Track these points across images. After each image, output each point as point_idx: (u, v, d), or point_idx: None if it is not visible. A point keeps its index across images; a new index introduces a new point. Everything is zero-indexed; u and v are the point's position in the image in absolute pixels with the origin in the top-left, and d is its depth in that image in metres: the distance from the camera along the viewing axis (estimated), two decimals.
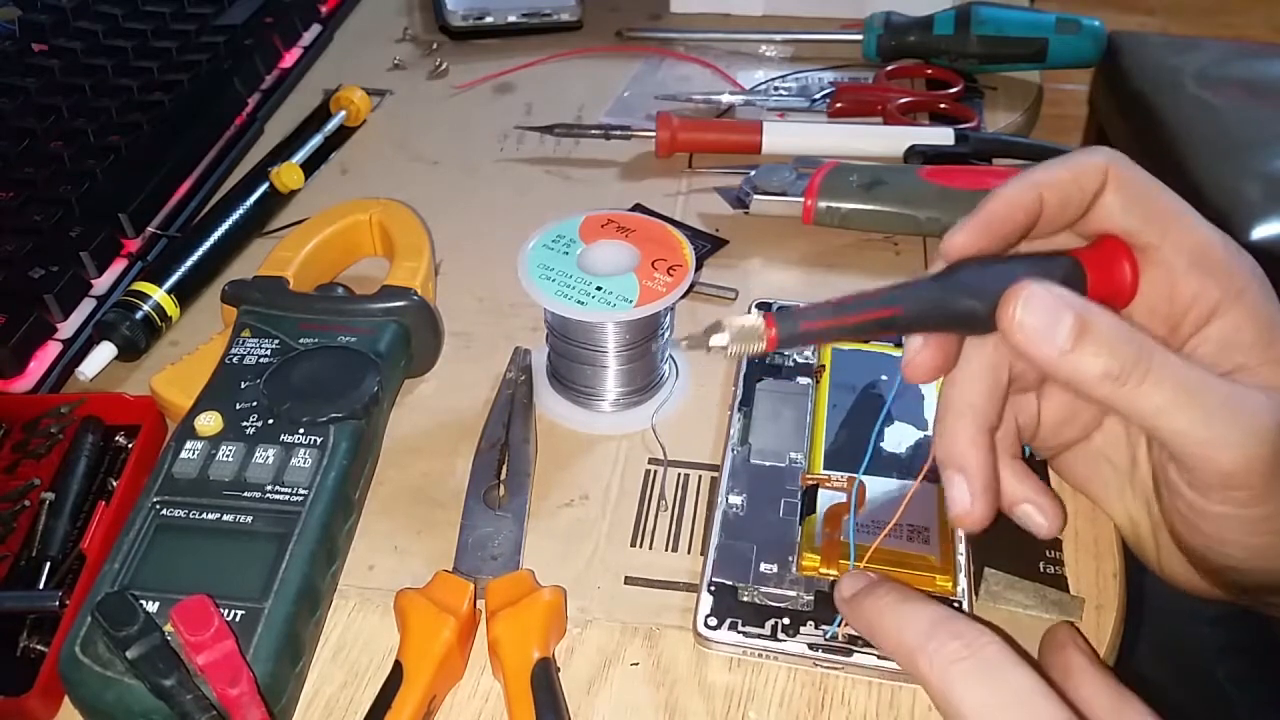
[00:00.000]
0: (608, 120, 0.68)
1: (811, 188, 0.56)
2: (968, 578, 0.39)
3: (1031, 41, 0.68)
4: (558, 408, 0.48)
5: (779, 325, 0.31)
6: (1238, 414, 0.30)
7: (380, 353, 0.44)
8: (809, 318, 0.32)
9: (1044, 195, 0.33)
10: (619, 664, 0.38)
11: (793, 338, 0.32)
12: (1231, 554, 0.34)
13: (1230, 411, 0.30)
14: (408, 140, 0.67)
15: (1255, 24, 0.80)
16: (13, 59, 0.69)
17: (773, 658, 0.38)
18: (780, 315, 0.32)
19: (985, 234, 0.33)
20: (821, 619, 0.38)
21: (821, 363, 0.47)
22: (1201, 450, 0.31)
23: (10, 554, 0.40)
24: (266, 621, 0.35)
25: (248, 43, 0.71)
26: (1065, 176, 0.34)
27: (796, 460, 0.43)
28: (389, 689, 0.35)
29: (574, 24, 0.78)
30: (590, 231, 0.46)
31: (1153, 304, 0.34)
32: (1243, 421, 0.30)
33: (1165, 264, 0.33)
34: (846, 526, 0.40)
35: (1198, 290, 0.33)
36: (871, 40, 0.71)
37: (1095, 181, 0.34)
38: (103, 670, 0.34)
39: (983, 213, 0.33)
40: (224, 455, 0.40)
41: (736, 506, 0.42)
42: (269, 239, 0.58)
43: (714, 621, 0.38)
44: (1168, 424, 0.30)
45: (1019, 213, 0.33)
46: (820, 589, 0.39)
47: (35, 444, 0.44)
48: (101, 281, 0.54)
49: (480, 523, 0.41)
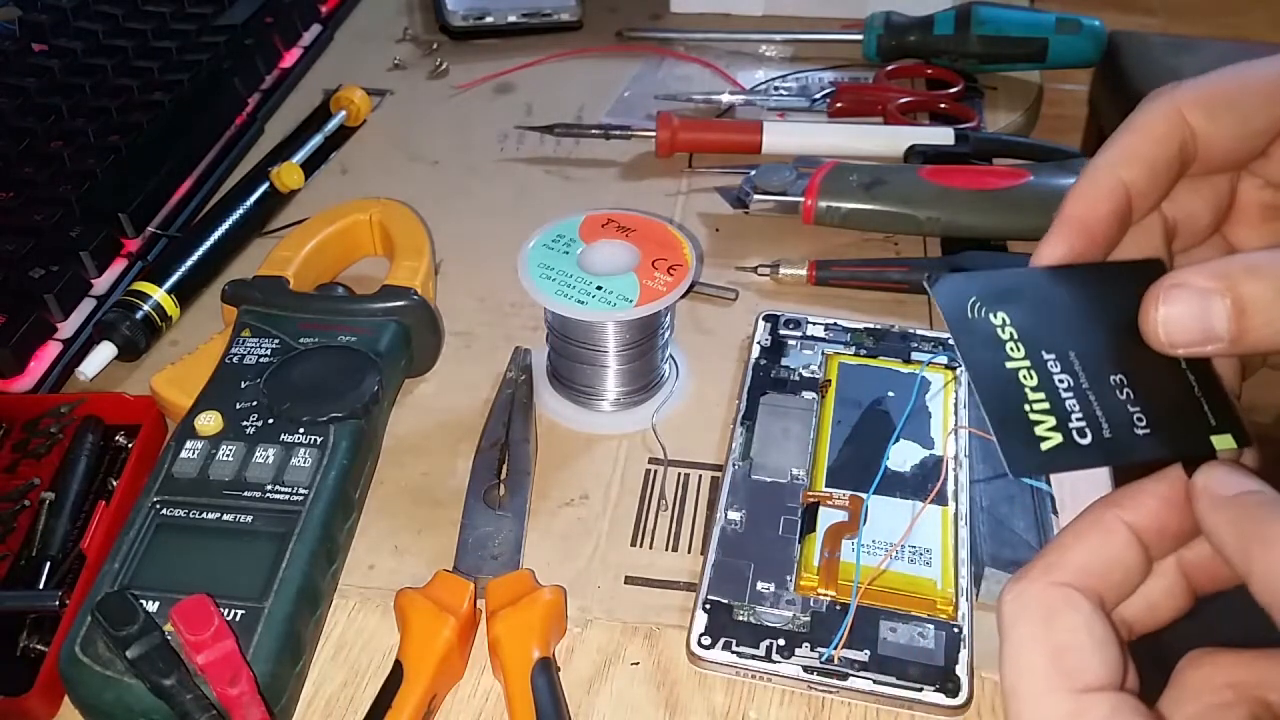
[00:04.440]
0: (608, 120, 0.68)
1: (811, 187, 0.56)
2: (969, 601, 0.38)
3: (1031, 41, 0.68)
4: (558, 407, 0.48)
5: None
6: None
7: (380, 352, 0.44)
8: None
9: (1123, 176, 0.28)
10: (619, 663, 0.38)
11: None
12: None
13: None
14: (408, 140, 0.67)
15: (1255, 24, 0.80)
16: (13, 59, 0.68)
17: (766, 679, 0.37)
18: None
19: (1077, 241, 0.28)
20: (818, 640, 0.37)
21: (828, 378, 0.47)
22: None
23: (10, 554, 0.40)
24: (266, 621, 0.35)
25: (248, 43, 0.71)
26: (1136, 145, 0.28)
27: (798, 477, 0.43)
28: (389, 689, 0.35)
29: (574, 24, 0.78)
30: (590, 231, 0.46)
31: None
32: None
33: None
34: (847, 546, 0.39)
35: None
36: (872, 40, 0.71)
37: (1176, 133, 0.28)
38: (103, 670, 0.34)
39: (1061, 220, 0.29)
40: (224, 455, 0.40)
41: (735, 523, 0.41)
42: (269, 239, 0.58)
43: (708, 640, 0.37)
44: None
45: (1101, 207, 0.28)
46: (817, 610, 0.38)
47: (35, 444, 0.44)
48: (101, 281, 0.54)
49: (480, 522, 0.41)
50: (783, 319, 0.50)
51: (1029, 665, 0.23)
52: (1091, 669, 0.23)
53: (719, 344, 0.51)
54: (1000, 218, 0.55)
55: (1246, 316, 0.24)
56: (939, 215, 0.55)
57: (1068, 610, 0.24)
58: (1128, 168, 0.28)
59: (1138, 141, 0.28)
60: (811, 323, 0.49)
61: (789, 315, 0.50)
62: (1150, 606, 0.26)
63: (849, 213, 0.56)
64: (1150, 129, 0.28)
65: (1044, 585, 0.24)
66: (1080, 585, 0.24)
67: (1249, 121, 0.28)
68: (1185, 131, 0.28)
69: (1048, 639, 0.24)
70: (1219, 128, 0.28)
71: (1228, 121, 0.28)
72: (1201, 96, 0.28)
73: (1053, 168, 0.56)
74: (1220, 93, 0.28)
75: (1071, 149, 0.63)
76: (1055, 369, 0.26)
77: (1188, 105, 0.28)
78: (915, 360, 0.47)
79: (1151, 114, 0.29)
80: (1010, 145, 0.63)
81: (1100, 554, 0.25)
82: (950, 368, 0.47)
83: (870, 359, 0.47)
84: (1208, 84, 0.28)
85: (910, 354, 0.48)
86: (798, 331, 0.49)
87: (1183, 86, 0.28)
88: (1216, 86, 0.28)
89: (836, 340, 0.49)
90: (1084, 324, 0.27)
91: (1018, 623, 0.24)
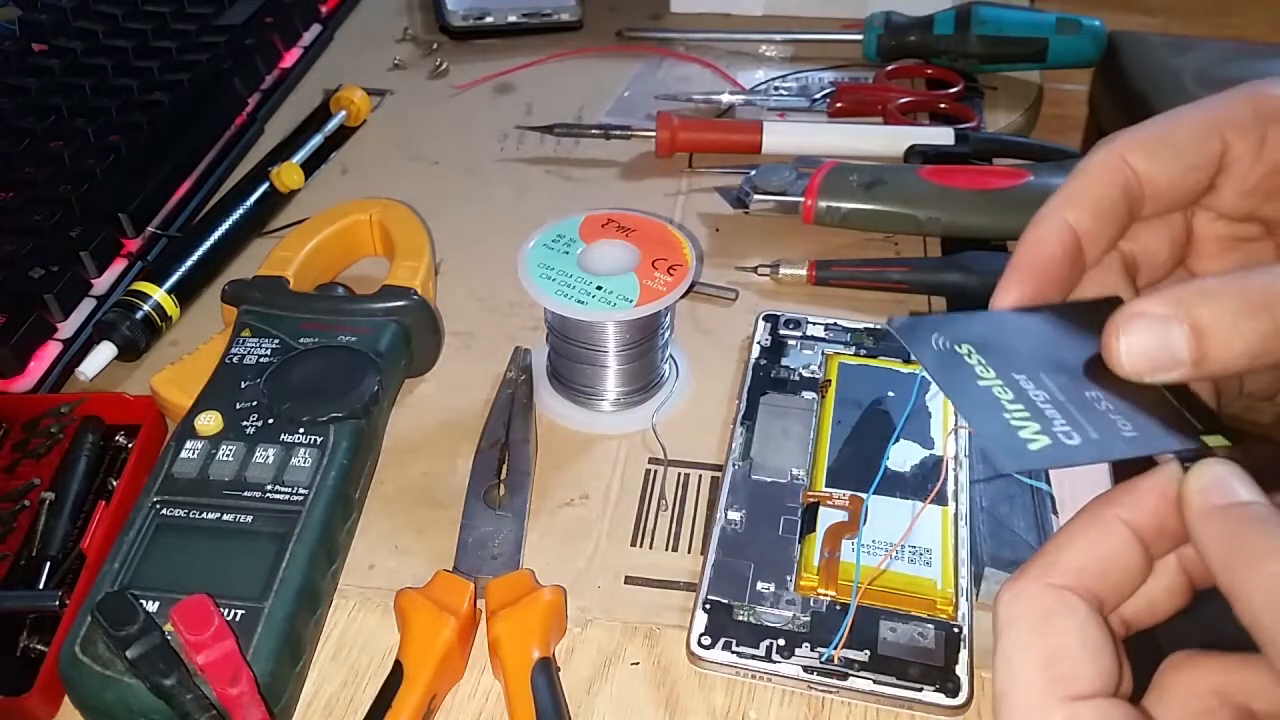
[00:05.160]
0: (608, 120, 0.68)
1: (811, 187, 0.56)
2: (969, 601, 0.38)
3: (1032, 41, 0.68)
4: (558, 407, 0.48)
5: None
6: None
7: (380, 352, 0.44)
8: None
9: (1070, 219, 0.29)
10: (619, 663, 0.38)
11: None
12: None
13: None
14: (408, 140, 0.67)
15: (1255, 24, 0.80)
16: (13, 59, 0.68)
17: (766, 679, 0.37)
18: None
19: (1030, 284, 0.29)
20: (818, 640, 0.37)
21: (828, 378, 0.47)
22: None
23: (10, 554, 0.40)
24: (266, 621, 0.35)
25: (248, 43, 0.71)
26: (1081, 189, 0.29)
27: (798, 477, 0.43)
28: (389, 689, 0.35)
29: (574, 24, 0.78)
30: (590, 231, 0.46)
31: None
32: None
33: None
34: (847, 546, 0.39)
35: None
36: (872, 40, 0.71)
37: (1119, 175, 0.29)
38: (103, 670, 0.34)
39: (1013, 265, 0.29)
40: (224, 455, 0.40)
41: (735, 523, 0.41)
42: (269, 239, 0.58)
43: (708, 640, 0.37)
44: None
45: (1050, 249, 0.29)
46: (817, 610, 0.38)
47: (35, 444, 0.44)
48: (101, 281, 0.54)
49: (480, 522, 0.41)
50: (783, 319, 0.50)
51: (1020, 670, 0.23)
52: (1084, 676, 0.23)
53: (719, 344, 0.51)
54: (1000, 218, 0.55)
55: (1205, 339, 0.24)
56: (939, 215, 0.55)
57: (1062, 614, 0.24)
58: (1074, 211, 0.29)
59: (1082, 186, 0.29)
60: (811, 323, 0.49)
61: (789, 315, 0.50)
62: (1150, 604, 0.26)
63: (849, 213, 0.56)
64: (1093, 173, 0.30)
65: (1040, 587, 0.24)
66: (1077, 587, 0.24)
67: (1185, 158, 0.29)
68: (1127, 173, 0.29)
69: (1041, 644, 0.23)
70: (1160, 167, 0.29)
71: (1166, 160, 0.29)
72: (1140, 140, 0.29)
73: (1053, 168, 0.56)
74: (1157, 135, 0.30)
75: (1071, 149, 0.63)
76: (1029, 386, 0.26)
77: (1128, 149, 0.29)
78: (915, 360, 0.47)
79: (1095, 160, 0.30)
80: (1010, 145, 0.63)
81: (1098, 554, 0.25)
82: None
83: (870, 359, 0.47)
84: (1146, 128, 0.30)
85: (910, 354, 0.48)
86: (798, 331, 0.49)
87: (1124, 134, 0.30)
88: (1153, 129, 0.30)
89: (836, 340, 0.49)
90: (1050, 355, 0.27)
91: (1012, 626, 0.24)
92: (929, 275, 0.53)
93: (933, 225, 0.56)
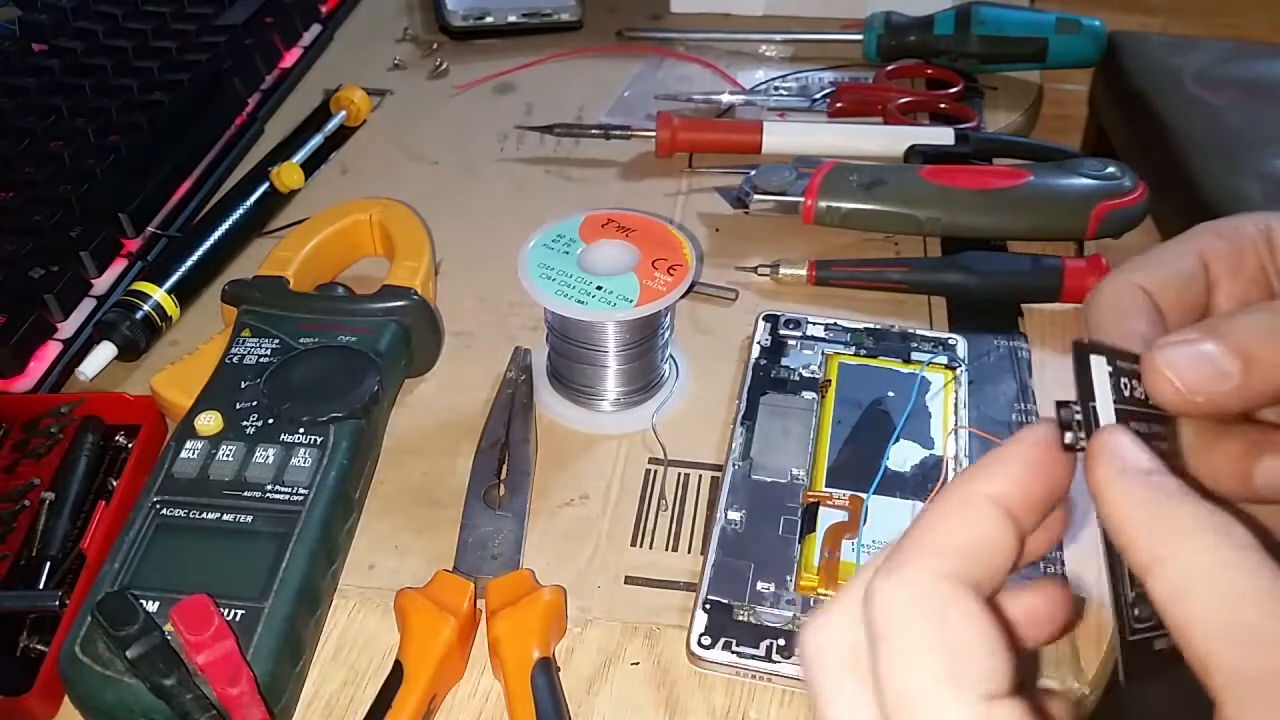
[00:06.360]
0: (608, 120, 0.68)
1: (811, 187, 0.56)
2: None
3: (1032, 41, 0.68)
4: (558, 407, 0.48)
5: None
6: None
7: (380, 352, 0.44)
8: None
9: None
10: (619, 663, 0.38)
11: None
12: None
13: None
14: (408, 140, 0.67)
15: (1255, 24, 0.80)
16: (13, 59, 0.68)
17: (766, 679, 0.37)
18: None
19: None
20: None
21: (828, 378, 0.47)
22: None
23: (10, 554, 0.40)
24: (266, 621, 0.35)
25: (248, 43, 0.71)
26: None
27: (798, 477, 0.43)
28: (389, 689, 0.35)
29: (574, 24, 0.78)
30: (590, 231, 0.46)
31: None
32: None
33: None
34: (847, 546, 0.39)
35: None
36: (871, 40, 0.71)
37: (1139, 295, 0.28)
38: (103, 670, 0.34)
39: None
40: (224, 455, 0.40)
41: (735, 523, 0.41)
42: (269, 239, 0.58)
43: (708, 640, 0.37)
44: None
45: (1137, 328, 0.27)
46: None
47: (35, 444, 0.44)
48: (101, 281, 0.54)
49: (480, 522, 0.41)
50: (783, 319, 0.50)
51: (927, 671, 0.21)
52: (994, 676, 0.21)
53: (719, 344, 0.51)
54: (1000, 218, 0.55)
55: (1245, 347, 0.24)
56: (939, 215, 0.55)
57: (960, 608, 0.21)
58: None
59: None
60: (811, 323, 0.49)
61: (789, 315, 0.50)
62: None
63: (849, 213, 0.56)
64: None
65: (931, 579, 0.22)
66: (963, 575, 0.22)
67: (1181, 275, 0.28)
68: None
69: (945, 642, 0.21)
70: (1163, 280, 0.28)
71: (1168, 276, 0.28)
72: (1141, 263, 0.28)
73: (1053, 168, 0.56)
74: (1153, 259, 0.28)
75: (1071, 149, 0.63)
76: None
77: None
78: (915, 360, 0.47)
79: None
80: (1010, 145, 0.63)
81: (967, 536, 0.22)
82: (950, 368, 0.47)
83: (870, 359, 0.47)
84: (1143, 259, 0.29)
85: (910, 354, 0.48)
86: (798, 331, 0.49)
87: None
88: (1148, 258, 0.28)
89: (836, 340, 0.49)
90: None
91: (907, 623, 0.21)
92: (929, 275, 0.53)
93: (933, 225, 0.56)
